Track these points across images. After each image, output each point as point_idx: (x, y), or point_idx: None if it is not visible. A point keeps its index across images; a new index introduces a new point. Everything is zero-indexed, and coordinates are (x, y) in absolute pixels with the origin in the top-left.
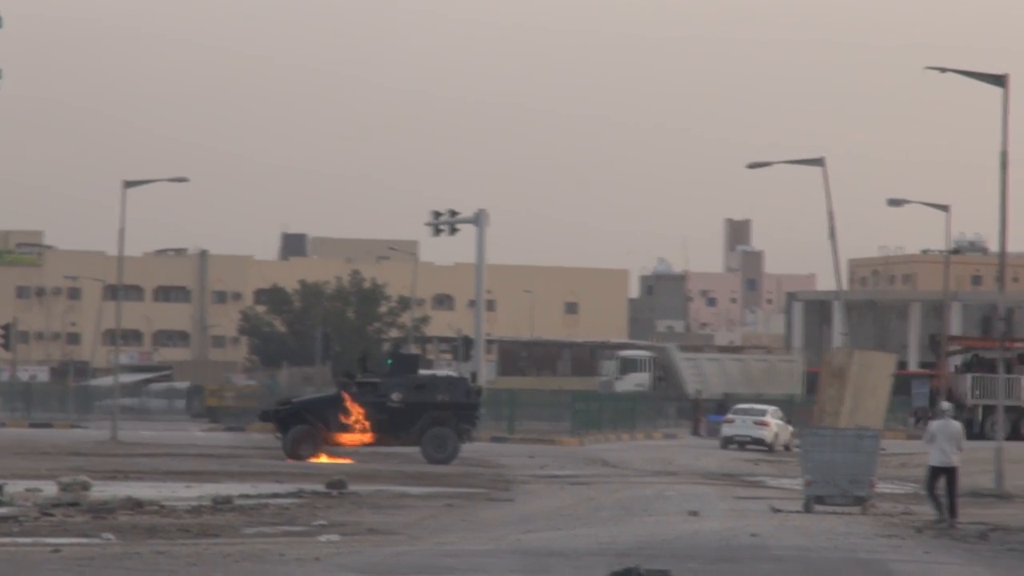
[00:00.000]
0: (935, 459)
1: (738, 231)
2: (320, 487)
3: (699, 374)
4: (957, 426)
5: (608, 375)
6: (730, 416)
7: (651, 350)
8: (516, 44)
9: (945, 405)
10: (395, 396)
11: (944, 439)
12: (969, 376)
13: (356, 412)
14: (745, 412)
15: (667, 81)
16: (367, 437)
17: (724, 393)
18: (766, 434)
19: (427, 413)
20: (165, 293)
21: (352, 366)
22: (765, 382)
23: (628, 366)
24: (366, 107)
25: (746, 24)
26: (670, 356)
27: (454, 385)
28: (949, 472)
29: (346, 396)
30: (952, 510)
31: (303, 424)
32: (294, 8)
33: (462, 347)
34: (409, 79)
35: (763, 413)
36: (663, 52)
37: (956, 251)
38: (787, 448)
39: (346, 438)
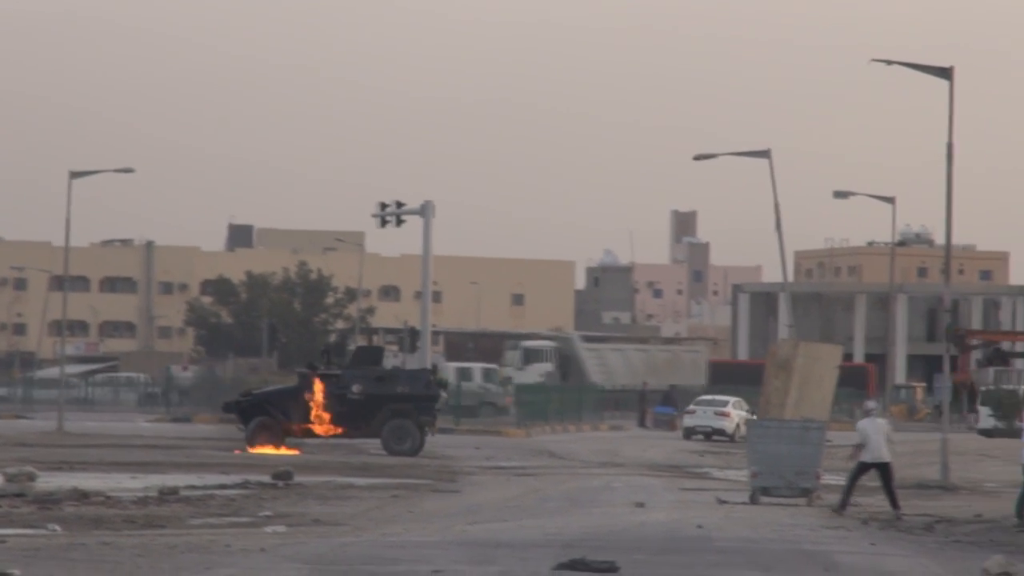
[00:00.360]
0: (868, 456)
1: (684, 223)
2: (266, 478)
3: (603, 365)
4: (883, 423)
5: (511, 365)
6: (692, 407)
7: (554, 340)
8: (463, 37)
9: (871, 404)
10: (355, 388)
11: (875, 436)
12: (991, 370)
13: (317, 404)
14: (707, 403)
15: (614, 73)
16: (328, 429)
17: (622, 384)
18: (727, 424)
19: (387, 405)
20: (111, 284)
21: (315, 358)
22: (669, 372)
23: (531, 356)
24: (313, 99)
25: (693, 18)
26: (573, 346)
27: (415, 377)
28: (883, 467)
29: (317, 382)
30: (894, 503)
31: (264, 416)
32: None
33: (408, 338)
34: (356, 71)
35: (724, 404)
36: (609, 45)
37: (902, 243)
38: None
39: (307, 429)
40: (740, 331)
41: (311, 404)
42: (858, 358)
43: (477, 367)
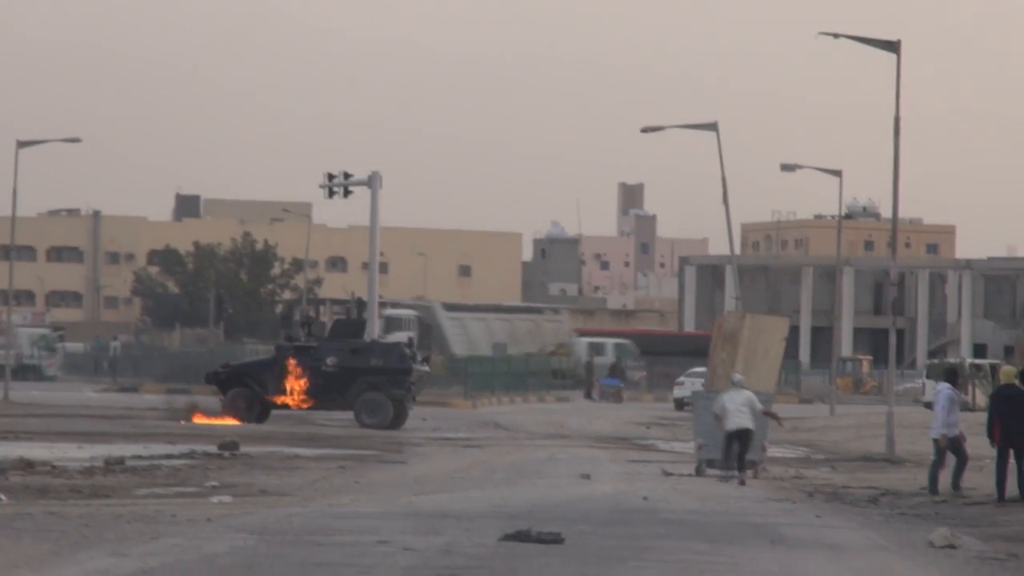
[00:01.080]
0: (731, 424)
1: (631, 195)
2: (212, 448)
3: (464, 333)
4: (748, 394)
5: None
6: (681, 379)
7: (415, 309)
8: (409, 9)
9: (736, 377)
10: (330, 360)
11: (736, 407)
12: None
13: (293, 376)
14: (697, 375)
15: (561, 45)
16: (303, 401)
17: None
18: None
19: (361, 378)
20: (58, 253)
21: (292, 329)
22: (530, 341)
23: (392, 325)
24: (260, 70)
25: None
26: (435, 315)
27: (389, 351)
28: (743, 434)
29: (290, 358)
30: (741, 467)
31: (241, 387)
32: None
33: (355, 309)
34: (304, 42)
35: None
36: (557, 17)
37: (848, 216)
38: None
39: (282, 401)
40: (687, 303)
41: (287, 376)
42: (804, 330)
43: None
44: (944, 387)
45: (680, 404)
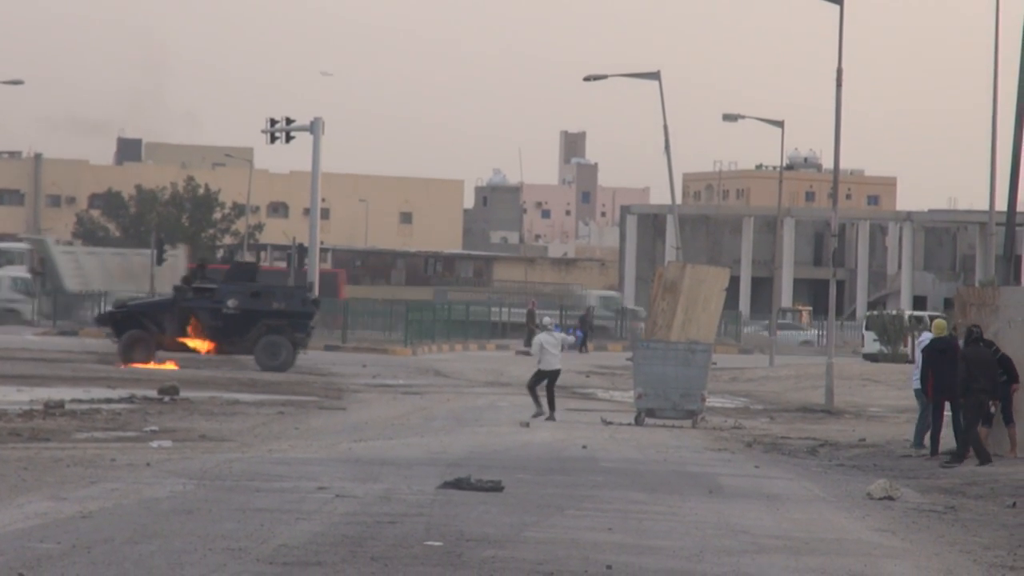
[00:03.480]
0: (545, 365)
1: (573, 143)
2: (152, 393)
3: (78, 269)
4: (561, 336)
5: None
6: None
7: (29, 242)
8: None
9: (547, 320)
10: (231, 303)
11: (550, 348)
12: None
13: (192, 318)
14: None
15: None
16: (202, 343)
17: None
18: None
19: (262, 321)
20: None
21: (189, 272)
22: (145, 278)
23: (4, 259)
24: (201, 14)
25: None
26: (47, 249)
27: (290, 294)
28: (553, 374)
29: (189, 300)
30: (552, 405)
31: (138, 328)
32: None
33: (296, 255)
34: None
35: None
36: None
37: (790, 167)
38: None
39: (180, 343)
40: (628, 253)
41: (186, 317)
42: (744, 281)
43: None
44: (927, 336)
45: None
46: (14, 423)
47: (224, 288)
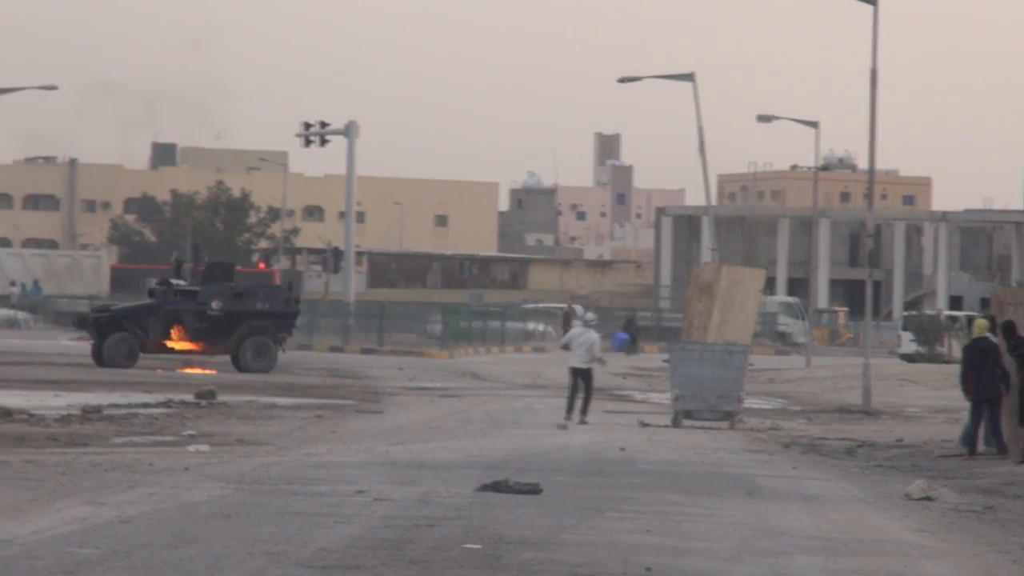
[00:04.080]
0: (572, 362)
1: (608, 145)
2: (189, 397)
3: (0, 269)
4: (593, 335)
5: None
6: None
7: None
8: None
9: (589, 316)
10: (215, 304)
11: (580, 346)
12: None
13: (176, 320)
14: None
15: None
16: (186, 345)
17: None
18: None
19: (246, 322)
20: (34, 201)
21: (172, 273)
22: (70, 279)
23: None
24: (237, 18)
25: None
26: None
27: (273, 294)
28: (578, 373)
29: (172, 303)
30: (582, 408)
31: (121, 331)
32: None
33: (332, 259)
34: None
35: None
36: None
37: (825, 168)
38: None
39: (163, 345)
40: (663, 254)
41: (169, 320)
42: (780, 282)
43: None
44: None
45: None
46: (52, 428)
47: (207, 290)
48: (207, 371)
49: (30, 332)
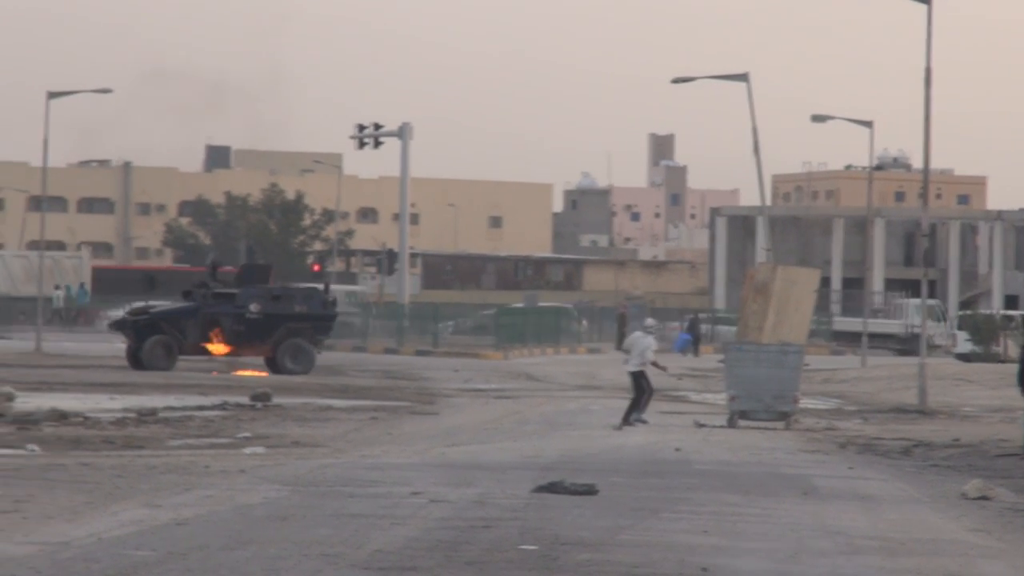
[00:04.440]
0: (627, 366)
1: (662, 146)
2: (245, 400)
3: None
4: (648, 341)
5: None
6: None
7: None
8: None
9: (650, 322)
10: (253, 307)
11: (635, 350)
12: None
13: (215, 323)
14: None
15: None
16: (224, 348)
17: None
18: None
19: (284, 324)
20: (89, 204)
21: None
22: (51, 279)
23: None
24: (290, 19)
25: None
26: None
27: (311, 296)
28: (637, 375)
29: (211, 305)
30: (634, 408)
31: (159, 334)
32: None
33: (386, 260)
34: None
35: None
36: None
37: (879, 167)
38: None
39: (201, 348)
40: (718, 254)
41: (208, 323)
42: (835, 282)
43: None
44: None
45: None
46: (108, 431)
47: (245, 292)
48: (262, 374)
49: (78, 335)
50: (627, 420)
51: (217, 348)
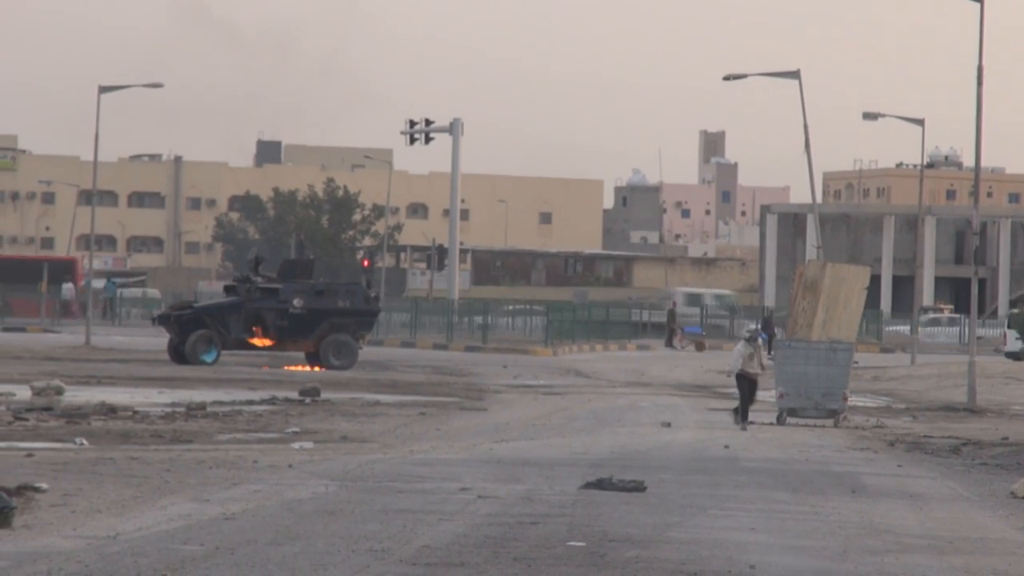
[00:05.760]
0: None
1: (713, 143)
2: (293, 394)
3: None
4: (740, 347)
5: None
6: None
7: None
8: None
9: (752, 327)
10: (296, 302)
11: (734, 354)
12: None
13: (259, 318)
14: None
15: None
16: (267, 343)
17: None
18: None
19: (327, 319)
20: (139, 199)
21: (246, 269)
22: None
23: None
24: (341, 16)
25: None
26: None
27: (353, 292)
28: (737, 378)
29: (255, 300)
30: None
31: (203, 329)
32: None
33: (436, 256)
34: None
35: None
36: None
37: (930, 165)
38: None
39: (246, 343)
40: (768, 252)
41: (251, 318)
42: (885, 279)
43: None
44: None
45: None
46: (156, 425)
47: (288, 288)
48: (311, 368)
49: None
50: (744, 418)
51: (261, 343)
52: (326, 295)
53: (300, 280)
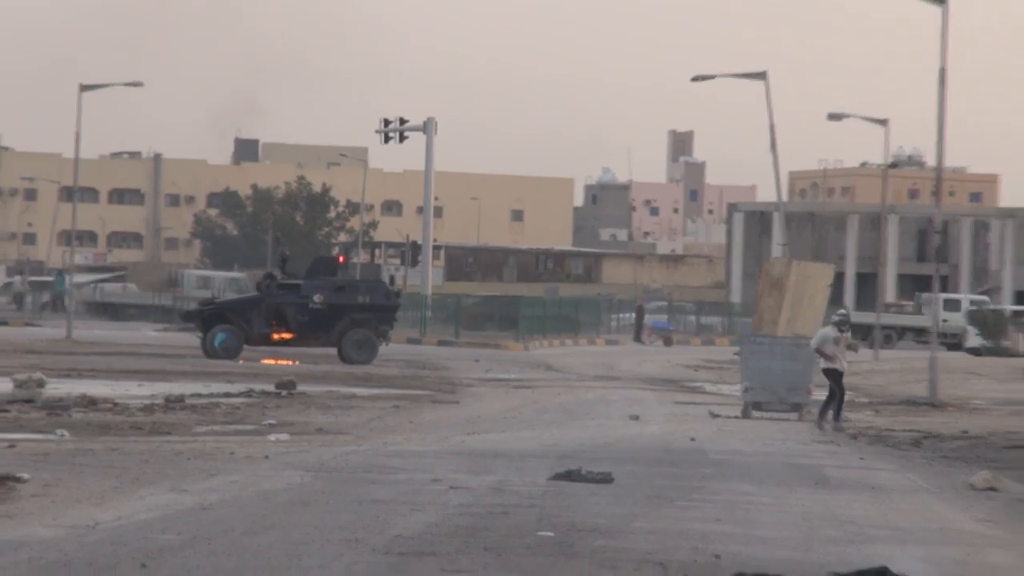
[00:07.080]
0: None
1: (681, 142)
2: (270, 387)
3: None
4: (825, 332)
5: None
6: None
7: None
8: None
9: (840, 312)
10: (317, 298)
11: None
12: None
13: (280, 313)
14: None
15: None
16: (288, 338)
17: None
18: None
19: (348, 315)
20: (120, 195)
21: (272, 268)
22: None
23: None
24: (315, 14)
25: None
26: None
27: (374, 288)
28: (825, 373)
29: (277, 296)
30: (834, 412)
31: (226, 324)
32: None
33: (410, 252)
34: None
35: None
36: None
37: (894, 165)
38: None
39: (266, 337)
40: (735, 249)
41: (273, 313)
42: (849, 277)
43: None
44: None
45: None
46: (136, 417)
47: (309, 283)
48: (287, 362)
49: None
50: (822, 417)
51: (282, 338)
52: (347, 291)
53: (323, 276)
